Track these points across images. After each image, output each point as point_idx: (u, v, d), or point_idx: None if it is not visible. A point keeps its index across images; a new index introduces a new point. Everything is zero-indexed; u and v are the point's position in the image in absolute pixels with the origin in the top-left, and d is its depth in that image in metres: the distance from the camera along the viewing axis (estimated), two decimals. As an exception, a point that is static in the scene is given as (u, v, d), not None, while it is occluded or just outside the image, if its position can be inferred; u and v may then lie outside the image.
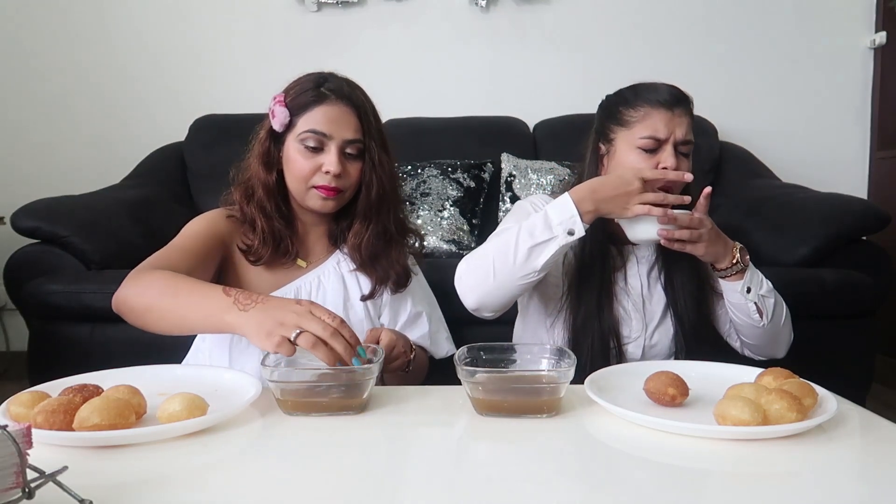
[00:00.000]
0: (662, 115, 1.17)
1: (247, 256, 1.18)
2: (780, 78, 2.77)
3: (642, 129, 1.18)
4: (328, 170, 1.13)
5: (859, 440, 0.80)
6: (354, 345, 0.90)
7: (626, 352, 1.22)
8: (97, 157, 2.73)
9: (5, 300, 2.30)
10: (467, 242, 2.23)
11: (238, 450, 0.77)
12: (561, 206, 1.08)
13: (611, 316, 1.21)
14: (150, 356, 1.03)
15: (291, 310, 0.90)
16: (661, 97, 1.18)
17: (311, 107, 1.15)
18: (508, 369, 0.96)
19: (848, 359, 1.83)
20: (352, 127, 1.15)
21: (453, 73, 2.77)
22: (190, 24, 2.76)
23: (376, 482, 0.67)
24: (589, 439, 0.80)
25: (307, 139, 1.14)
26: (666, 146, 1.17)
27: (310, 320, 0.88)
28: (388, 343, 1.06)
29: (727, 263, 1.15)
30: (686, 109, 1.19)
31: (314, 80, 1.18)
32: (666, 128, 1.16)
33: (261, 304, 0.92)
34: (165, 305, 0.99)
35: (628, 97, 1.21)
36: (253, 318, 0.91)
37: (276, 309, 0.91)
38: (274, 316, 0.89)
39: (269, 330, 0.89)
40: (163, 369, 0.99)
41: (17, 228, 1.85)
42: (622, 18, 2.76)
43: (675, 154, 1.17)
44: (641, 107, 1.18)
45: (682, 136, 1.17)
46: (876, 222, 1.86)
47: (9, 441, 0.52)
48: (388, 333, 1.08)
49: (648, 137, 1.17)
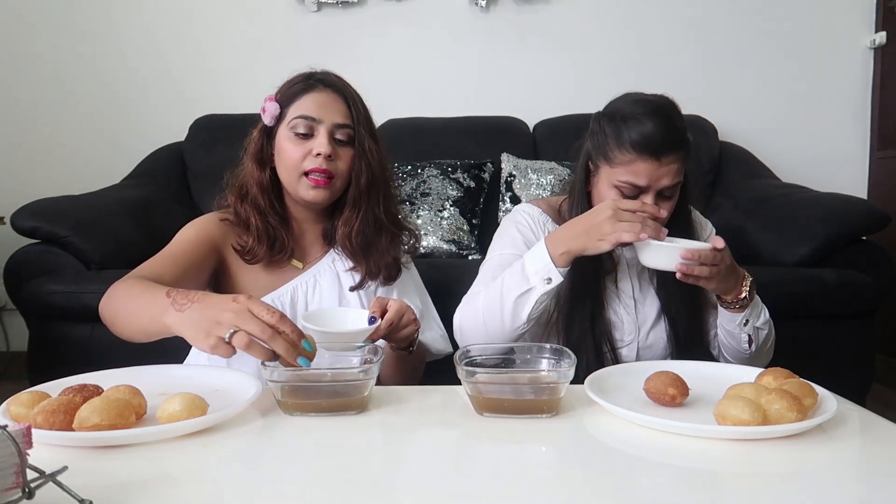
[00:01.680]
0: (648, 166, 1.10)
1: (242, 256, 1.18)
2: (780, 78, 2.77)
3: (624, 173, 1.12)
4: (319, 151, 1.13)
5: (859, 440, 0.80)
6: (298, 340, 0.84)
7: (621, 356, 1.21)
8: (97, 157, 2.73)
9: (5, 300, 2.30)
10: (467, 242, 2.23)
11: (238, 450, 0.77)
12: (536, 255, 1.08)
13: (603, 321, 1.20)
14: (150, 356, 1.03)
15: (228, 308, 0.84)
16: (649, 145, 1.09)
17: (300, 95, 1.17)
18: (508, 369, 0.96)
19: (848, 359, 1.83)
20: (341, 112, 1.17)
21: (453, 73, 2.77)
22: (190, 24, 2.76)
23: (376, 482, 0.67)
24: (589, 439, 0.80)
25: (297, 125, 1.15)
26: (648, 192, 1.12)
27: (247, 320, 0.83)
28: (397, 310, 1.04)
29: (734, 297, 1.12)
30: (677, 154, 1.11)
31: (303, 75, 1.21)
32: (649, 178, 1.11)
33: (197, 303, 0.88)
34: (124, 313, 0.99)
35: (618, 131, 1.12)
36: (189, 318, 0.87)
37: (212, 308, 0.86)
38: (209, 315, 0.85)
39: (205, 330, 0.84)
40: (163, 369, 0.99)
41: (17, 228, 1.85)
42: (622, 18, 2.76)
43: (656, 199, 1.12)
44: (628, 151, 1.10)
45: (667, 183, 1.11)
46: (876, 222, 1.86)
47: (9, 441, 0.52)
48: (397, 302, 1.06)
49: (627, 183, 1.12)
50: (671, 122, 1.12)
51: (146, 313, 0.93)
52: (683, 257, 1.02)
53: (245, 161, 1.22)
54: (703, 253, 1.03)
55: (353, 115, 1.18)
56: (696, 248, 1.04)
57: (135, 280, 1.02)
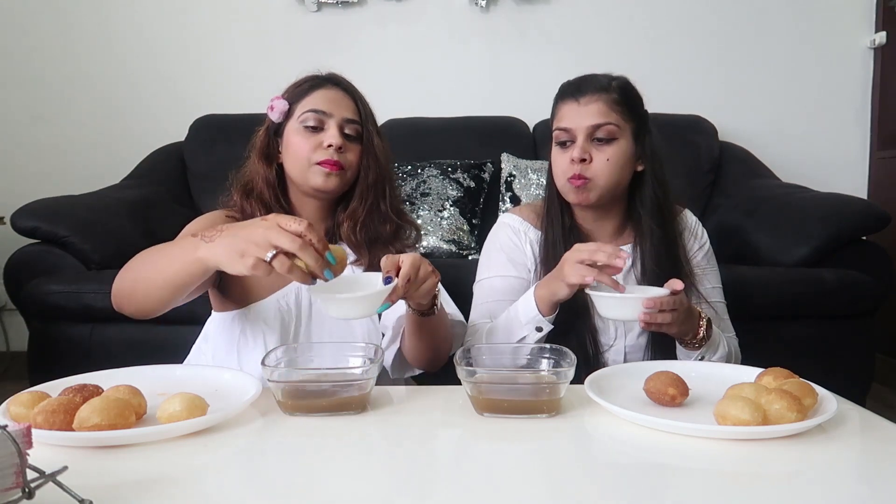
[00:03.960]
0: (568, 107, 1.18)
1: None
2: (780, 78, 2.77)
3: (556, 122, 1.20)
4: (330, 143, 1.14)
5: (859, 440, 0.80)
6: (323, 250, 0.85)
7: (608, 360, 1.21)
8: (97, 157, 2.73)
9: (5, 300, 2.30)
10: (467, 242, 2.23)
11: (238, 450, 0.77)
12: (526, 305, 1.12)
13: (585, 325, 1.19)
14: (150, 356, 1.03)
15: (259, 226, 0.86)
16: (568, 88, 1.20)
17: (309, 92, 1.19)
18: (508, 369, 0.96)
19: (848, 359, 1.83)
20: (349, 108, 1.19)
21: (453, 73, 2.77)
22: (190, 24, 2.76)
23: (376, 482, 0.67)
24: (589, 439, 0.80)
25: (307, 119, 1.16)
26: (577, 137, 1.16)
27: (279, 234, 0.83)
28: (412, 263, 0.94)
29: (691, 337, 1.10)
30: (597, 95, 1.16)
31: (310, 76, 1.22)
32: (571, 118, 1.17)
33: (226, 231, 0.90)
34: (148, 273, 1.00)
35: (557, 92, 1.23)
36: (220, 244, 0.88)
37: (243, 229, 0.87)
38: (242, 237, 0.86)
39: (240, 251, 0.85)
40: (163, 369, 0.99)
41: (17, 228, 1.85)
42: (622, 18, 2.76)
43: (588, 144, 1.16)
44: (558, 102, 1.21)
45: (590, 122, 1.15)
46: (876, 222, 1.86)
47: (9, 441, 0.52)
48: (409, 255, 0.96)
49: (557, 129, 1.19)
50: (602, 75, 1.21)
51: (177, 260, 0.94)
52: (646, 306, 0.99)
53: (252, 159, 1.22)
54: (663, 300, 1.00)
55: (360, 112, 1.20)
56: (654, 295, 1.01)
57: (149, 248, 1.02)
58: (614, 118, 1.16)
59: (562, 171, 1.19)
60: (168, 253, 0.97)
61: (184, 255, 0.93)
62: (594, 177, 1.16)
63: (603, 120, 1.15)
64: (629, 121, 1.18)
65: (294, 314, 1.17)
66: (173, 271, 0.95)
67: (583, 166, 1.15)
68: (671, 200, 1.25)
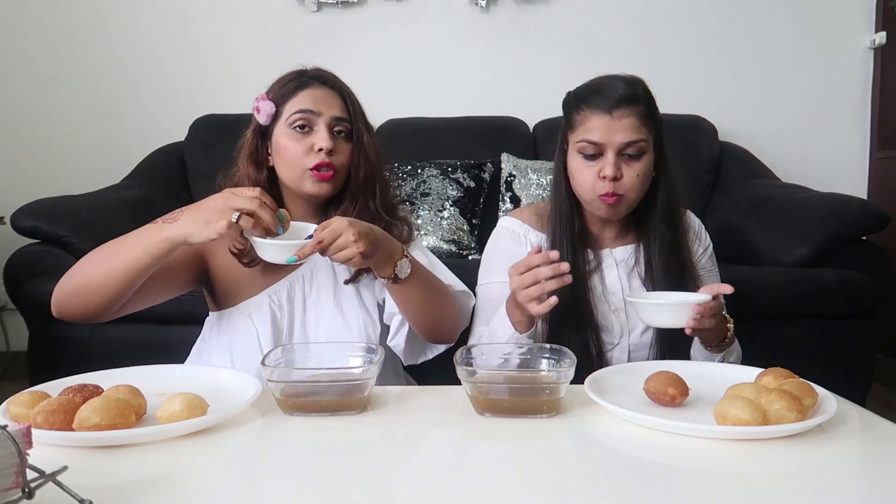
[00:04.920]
0: (600, 119, 1.12)
1: (240, 259, 1.17)
2: (780, 78, 2.77)
3: (581, 132, 1.14)
4: (321, 146, 1.13)
5: (859, 440, 0.80)
6: (275, 209, 0.98)
7: (612, 358, 1.20)
8: (97, 157, 2.73)
9: (5, 300, 2.30)
10: (467, 242, 2.23)
11: (238, 450, 0.77)
12: (503, 326, 1.11)
13: (589, 323, 1.19)
14: (150, 356, 1.03)
15: (218, 197, 0.97)
16: (600, 99, 1.13)
17: (295, 92, 1.17)
18: (508, 369, 0.96)
19: (848, 359, 1.83)
20: (338, 106, 1.17)
21: (453, 73, 2.77)
22: (190, 24, 2.76)
23: (376, 482, 0.67)
24: (589, 439, 0.80)
25: (296, 121, 1.15)
26: (607, 153, 1.13)
27: (237, 198, 0.96)
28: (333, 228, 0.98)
29: (718, 341, 1.11)
30: (631, 109, 1.12)
31: (294, 73, 1.21)
32: (602, 132, 1.12)
33: (186, 209, 1.00)
34: (105, 266, 1.03)
35: (578, 96, 1.17)
36: (186, 220, 0.97)
37: (204, 204, 0.98)
38: (206, 209, 0.96)
39: (206, 220, 0.95)
40: (163, 369, 0.99)
41: (17, 228, 1.85)
42: (622, 18, 2.76)
43: (619, 160, 1.13)
44: (582, 109, 1.15)
45: (623, 140, 1.12)
46: (876, 222, 1.86)
47: (9, 441, 0.52)
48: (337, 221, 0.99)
49: (584, 141, 1.14)
50: (625, 80, 1.15)
51: (138, 246, 1.01)
52: (696, 312, 0.99)
53: (240, 162, 1.21)
54: (710, 305, 1.01)
55: (349, 109, 1.18)
56: (698, 300, 1.01)
57: (97, 248, 1.07)
58: (644, 133, 1.13)
59: (590, 186, 1.15)
60: (125, 244, 1.03)
61: (145, 239, 1.00)
62: (626, 192, 1.14)
63: (636, 137, 1.12)
64: (653, 131, 1.16)
65: (286, 309, 1.18)
66: (135, 256, 1.00)
67: (615, 184, 1.13)
68: (678, 201, 1.25)
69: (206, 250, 1.19)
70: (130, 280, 1.02)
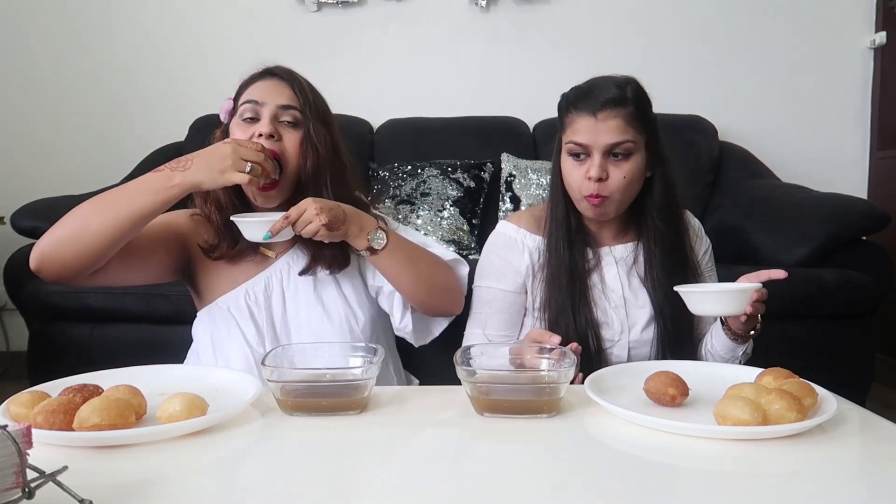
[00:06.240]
0: (585, 121, 1.13)
1: (208, 254, 1.19)
2: (780, 78, 2.77)
3: (570, 133, 1.16)
4: (260, 132, 1.14)
5: (859, 440, 0.80)
6: (272, 157, 1.10)
7: (612, 355, 1.20)
8: (97, 157, 2.73)
9: (5, 300, 2.30)
10: (467, 242, 2.23)
11: (238, 450, 0.77)
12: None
13: (591, 321, 1.19)
14: (150, 356, 1.03)
15: (226, 147, 1.05)
16: (586, 102, 1.14)
17: (248, 86, 1.20)
18: (508, 369, 0.96)
19: (848, 359, 1.83)
20: (284, 95, 1.18)
21: (453, 74, 2.77)
22: (190, 24, 2.76)
23: (376, 482, 0.67)
24: (589, 439, 0.80)
25: (244, 111, 1.17)
26: (593, 154, 1.13)
27: (246, 150, 1.05)
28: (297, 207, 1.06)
29: (747, 330, 1.12)
30: (615, 111, 1.13)
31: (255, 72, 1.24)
32: (587, 133, 1.13)
33: (195, 156, 1.05)
34: (102, 214, 1.03)
35: (568, 99, 1.19)
36: (199, 167, 1.04)
37: (212, 153, 1.05)
38: (215, 157, 1.04)
39: (220, 168, 1.03)
40: (163, 369, 0.99)
41: (17, 228, 1.85)
42: (622, 18, 2.76)
43: (605, 161, 1.13)
44: (571, 111, 1.16)
45: (609, 140, 1.12)
46: (876, 222, 1.86)
47: (9, 441, 0.52)
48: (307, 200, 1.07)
49: (571, 143, 1.15)
50: (615, 82, 1.16)
51: (142, 194, 1.04)
52: (757, 299, 1.03)
53: None
54: (764, 291, 1.05)
55: (299, 98, 1.18)
56: (748, 288, 1.03)
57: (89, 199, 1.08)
58: (631, 134, 1.13)
59: (577, 185, 1.16)
60: (126, 193, 1.05)
61: (152, 187, 1.04)
62: (611, 194, 1.14)
63: (621, 138, 1.13)
64: (643, 132, 1.16)
65: (263, 304, 1.19)
66: (142, 203, 1.03)
67: (600, 185, 1.14)
68: (679, 200, 1.25)
69: (190, 237, 1.21)
70: (134, 226, 1.04)
